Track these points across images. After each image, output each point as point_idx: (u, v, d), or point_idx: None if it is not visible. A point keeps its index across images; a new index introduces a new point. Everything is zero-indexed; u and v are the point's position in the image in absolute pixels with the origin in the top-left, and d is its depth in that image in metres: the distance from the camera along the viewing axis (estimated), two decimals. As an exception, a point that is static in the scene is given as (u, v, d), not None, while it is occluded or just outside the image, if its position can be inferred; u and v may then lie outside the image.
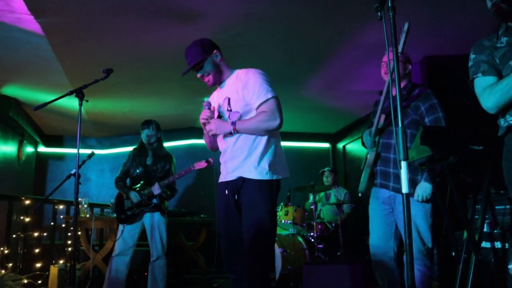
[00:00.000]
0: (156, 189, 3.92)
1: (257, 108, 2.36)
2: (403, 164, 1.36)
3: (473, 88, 1.95)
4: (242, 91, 2.39)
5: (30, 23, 3.21)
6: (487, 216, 2.89)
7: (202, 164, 3.96)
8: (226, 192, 2.50)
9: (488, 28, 3.59)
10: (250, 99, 2.37)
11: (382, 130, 2.87)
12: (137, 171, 4.11)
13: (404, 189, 1.37)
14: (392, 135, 2.82)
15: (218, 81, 2.54)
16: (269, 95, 2.32)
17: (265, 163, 2.38)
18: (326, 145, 7.84)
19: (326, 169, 6.08)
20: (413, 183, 2.77)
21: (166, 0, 3.13)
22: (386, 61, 2.90)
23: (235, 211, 2.47)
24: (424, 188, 2.70)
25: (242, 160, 2.42)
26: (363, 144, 3.12)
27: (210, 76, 2.49)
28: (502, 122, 1.90)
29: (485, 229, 2.91)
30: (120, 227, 4.00)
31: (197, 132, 7.27)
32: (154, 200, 3.97)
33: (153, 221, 4.01)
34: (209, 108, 2.52)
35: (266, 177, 2.37)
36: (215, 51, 2.49)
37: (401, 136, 1.37)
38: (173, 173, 4.12)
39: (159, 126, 4.16)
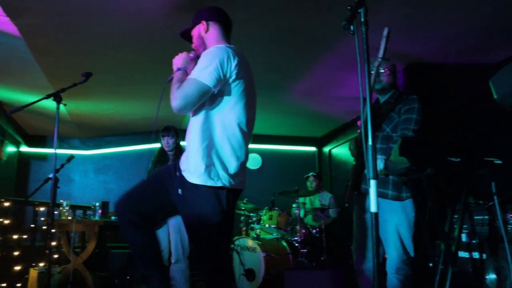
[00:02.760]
0: None
1: None
2: (372, 182, 1.34)
3: None
4: None
5: (7, 24, 3.15)
6: (465, 226, 2.90)
7: None
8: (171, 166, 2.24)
9: (471, 37, 3.63)
10: None
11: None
12: None
13: (373, 208, 1.35)
14: (377, 140, 2.81)
15: None
16: (193, 76, 2.01)
17: (204, 163, 2.03)
18: (313, 149, 7.83)
19: (310, 174, 6.07)
20: (396, 186, 2.75)
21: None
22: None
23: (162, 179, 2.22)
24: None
25: (194, 157, 2.07)
26: (352, 154, 3.12)
27: (196, 48, 2.26)
28: None
29: (463, 239, 2.92)
30: None
31: (183, 133, 7.20)
32: None
33: (174, 223, 3.97)
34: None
35: (212, 183, 2.03)
36: (202, 22, 2.21)
37: (371, 154, 1.35)
38: None
39: (178, 132, 4.18)
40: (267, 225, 5.28)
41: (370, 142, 1.37)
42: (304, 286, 3.94)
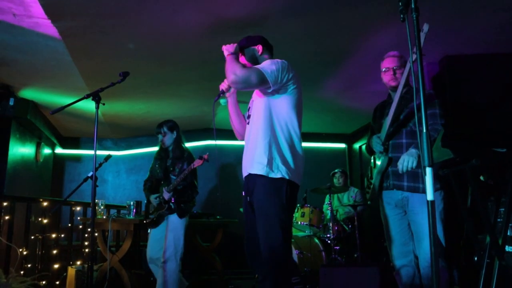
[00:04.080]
0: (165, 194, 3.89)
1: None
2: (428, 170, 1.32)
3: None
4: None
5: (48, 27, 3.23)
6: (511, 220, 2.82)
7: (198, 162, 3.91)
8: (243, 193, 2.53)
9: (508, 26, 3.53)
10: None
11: (393, 134, 2.82)
12: (159, 173, 4.08)
13: (430, 196, 1.33)
14: (401, 135, 2.79)
15: None
16: (260, 67, 2.38)
17: (266, 157, 2.36)
18: (342, 145, 7.78)
19: (337, 170, 6.05)
20: (416, 178, 2.73)
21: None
22: (391, 67, 2.87)
23: (250, 213, 2.47)
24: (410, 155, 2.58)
25: (251, 152, 2.48)
26: (369, 151, 3.09)
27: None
28: None
29: (508, 233, 2.84)
30: (148, 231, 4.03)
31: (213, 133, 7.27)
32: (171, 203, 3.92)
33: (169, 222, 3.94)
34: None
35: (268, 173, 2.33)
36: (258, 45, 2.60)
37: (425, 141, 1.33)
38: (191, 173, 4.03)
39: (173, 126, 4.07)
40: (299, 222, 5.26)
41: (424, 129, 1.35)
42: (340, 283, 3.89)
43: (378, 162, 2.90)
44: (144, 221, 4.04)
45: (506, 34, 3.66)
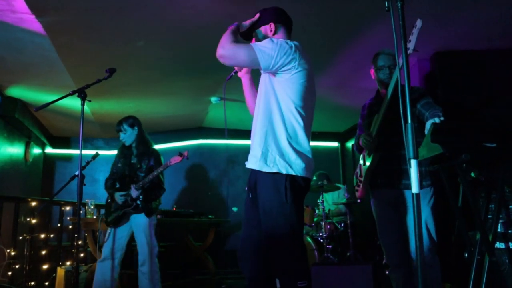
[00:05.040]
0: (133, 192, 3.78)
1: None
2: (413, 162, 1.28)
3: None
4: None
5: (32, 23, 3.18)
6: (501, 216, 2.80)
7: (176, 159, 3.84)
8: (246, 188, 2.33)
9: (500, 22, 3.51)
10: None
11: (384, 131, 2.79)
12: (124, 171, 3.96)
13: (415, 189, 1.30)
14: (396, 132, 2.75)
15: None
16: (255, 46, 2.12)
17: (260, 149, 2.14)
18: (335, 144, 7.75)
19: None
20: (420, 175, 2.72)
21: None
22: (387, 65, 2.84)
23: (249, 210, 2.28)
24: None
25: (254, 145, 2.19)
26: (358, 149, 3.07)
27: None
28: None
29: (499, 229, 2.82)
30: (108, 230, 3.88)
31: (205, 132, 7.23)
32: (138, 201, 3.80)
33: (138, 223, 3.84)
34: None
35: (261, 167, 2.11)
36: (270, 24, 2.31)
37: (410, 133, 1.29)
38: None
39: (133, 123, 3.93)
40: (291, 221, 5.22)
41: (409, 121, 1.31)
42: (332, 282, 3.87)
43: (368, 161, 2.87)
44: (107, 220, 3.91)
45: (497, 29, 3.64)
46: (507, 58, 3.94)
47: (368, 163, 2.86)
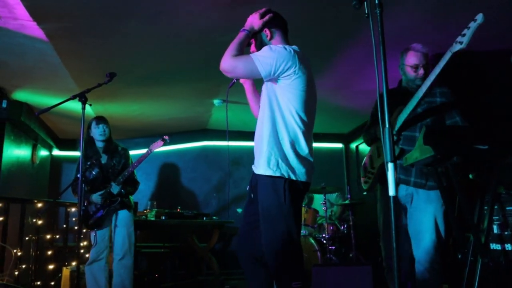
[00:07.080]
0: (114, 188, 3.85)
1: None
2: (390, 165, 1.31)
3: None
4: None
5: (34, 29, 3.24)
6: (497, 218, 2.81)
7: (158, 144, 3.91)
8: (247, 188, 2.41)
9: (498, 23, 3.49)
10: None
11: (407, 126, 2.79)
12: (94, 173, 3.98)
13: (392, 191, 1.32)
14: (416, 128, 2.78)
15: None
16: (254, 57, 2.19)
17: (265, 154, 2.21)
18: (339, 145, 7.76)
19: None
20: (422, 173, 2.73)
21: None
22: (421, 64, 2.83)
23: (249, 209, 2.38)
24: None
25: (258, 149, 2.30)
26: (369, 139, 3.06)
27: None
28: None
29: (495, 231, 2.82)
30: (92, 233, 3.94)
31: (209, 134, 7.28)
32: (119, 198, 3.90)
33: (120, 218, 3.93)
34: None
35: (265, 171, 2.18)
36: (265, 30, 2.37)
37: (387, 137, 1.32)
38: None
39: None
40: (294, 222, 5.24)
41: (387, 125, 1.34)
42: (331, 283, 3.89)
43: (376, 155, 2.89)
44: (87, 224, 3.96)
45: (493, 31, 3.63)
46: (504, 59, 3.93)
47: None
